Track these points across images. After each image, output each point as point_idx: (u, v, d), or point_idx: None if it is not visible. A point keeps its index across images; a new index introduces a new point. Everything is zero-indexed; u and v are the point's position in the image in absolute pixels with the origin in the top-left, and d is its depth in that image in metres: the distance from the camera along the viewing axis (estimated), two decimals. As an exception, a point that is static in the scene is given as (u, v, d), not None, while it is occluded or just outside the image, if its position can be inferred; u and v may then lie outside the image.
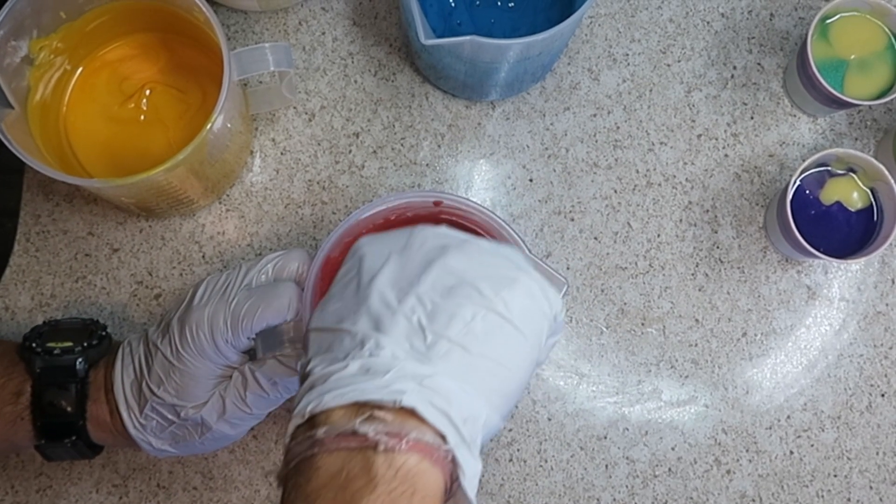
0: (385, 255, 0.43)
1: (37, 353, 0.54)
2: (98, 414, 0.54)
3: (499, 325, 0.41)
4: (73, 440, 0.54)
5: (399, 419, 0.37)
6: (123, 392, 0.54)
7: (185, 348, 0.52)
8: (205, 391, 0.53)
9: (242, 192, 0.69)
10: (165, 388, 0.52)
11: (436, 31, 0.66)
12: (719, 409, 0.68)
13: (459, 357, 0.40)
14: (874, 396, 0.69)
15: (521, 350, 0.42)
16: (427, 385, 0.38)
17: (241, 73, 0.59)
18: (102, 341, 0.57)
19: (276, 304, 0.51)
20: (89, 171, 0.64)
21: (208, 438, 0.55)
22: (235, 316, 0.51)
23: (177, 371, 0.52)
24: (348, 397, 0.38)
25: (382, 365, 0.39)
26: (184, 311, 0.53)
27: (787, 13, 0.73)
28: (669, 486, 0.67)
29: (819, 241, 0.65)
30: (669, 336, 0.69)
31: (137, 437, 0.54)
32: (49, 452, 0.55)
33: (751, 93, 0.72)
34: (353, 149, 0.70)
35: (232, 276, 0.54)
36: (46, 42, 0.60)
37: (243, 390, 0.53)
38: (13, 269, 0.68)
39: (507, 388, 0.42)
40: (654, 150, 0.71)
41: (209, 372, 0.53)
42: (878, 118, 0.72)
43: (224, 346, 0.52)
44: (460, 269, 0.42)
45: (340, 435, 0.37)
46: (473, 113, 0.71)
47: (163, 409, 0.53)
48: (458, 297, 0.41)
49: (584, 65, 0.72)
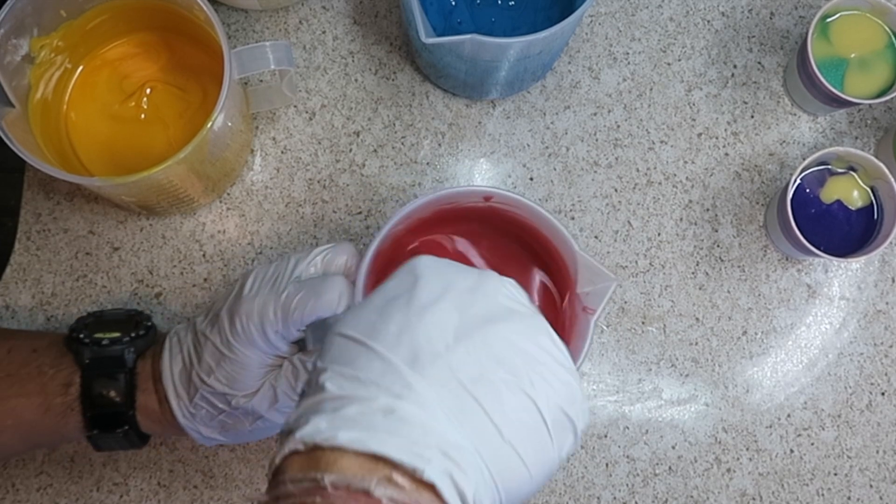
0: (444, 288, 0.39)
1: (85, 344, 0.55)
2: (147, 403, 0.55)
3: (536, 421, 0.38)
4: (126, 430, 0.54)
5: (416, 491, 0.33)
6: (172, 381, 0.54)
7: (236, 338, 0.52)
8: (255, 380, 0.53)
9: (243, 191, 0.69)
10: (216, 377, 0.52)
11: (436, 30, 0.66)
12: (720, 408, 0.68)
13: (489, 437, 0.36)
14: (874, 395, 0.69)
15: (546, 456, 0.38)
16: (453, 457, 0.34)
17: (241, 72, 0.59)
18: (149, 331, 0.57)
19: (326, 297, 0.51)
20: (90, 170, 0.64)
21: (258, 426, 0.55)
22: (286, 308, 0.51)
23: (227, 360, 0.52)
24: (367, 445, 0.33)
25: (409, 414, 0.35)
26: (233, 301, 0.53)
27: (788, 12, 0.73)
28: (670, 484, 0.67)
29: (819, 239, 0.65)
30: (670, 335, 0.69)
31: (186, 426, 0.55)
32: (101, 443, 0.55)
33: (751, 91, 0.72)
34: (354, 147, 0.70)
35: (281, 267, 0.53)
36: (47, 40, 0.60)
37: (294, 380, 0.53)
38: (14, 267, 0.68)
39: (518, 490, 0.38)
40: (654, 148, 0.71)
41: (259, 361, 0.52)
42: (878, 117, 0.72)
43: (274, 336, 0.52)
44: (518, 346, 0.38)
45: (352, 491, 0.33)
46: (474, 112, 0.71)
47: (213, 397, 0.53)
48: (508, 372, 0.37)
49: (584, 63, 0.72)
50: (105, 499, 0.65)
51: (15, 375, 0.54)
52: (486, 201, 0.55)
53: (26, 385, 0.54)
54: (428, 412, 0.35)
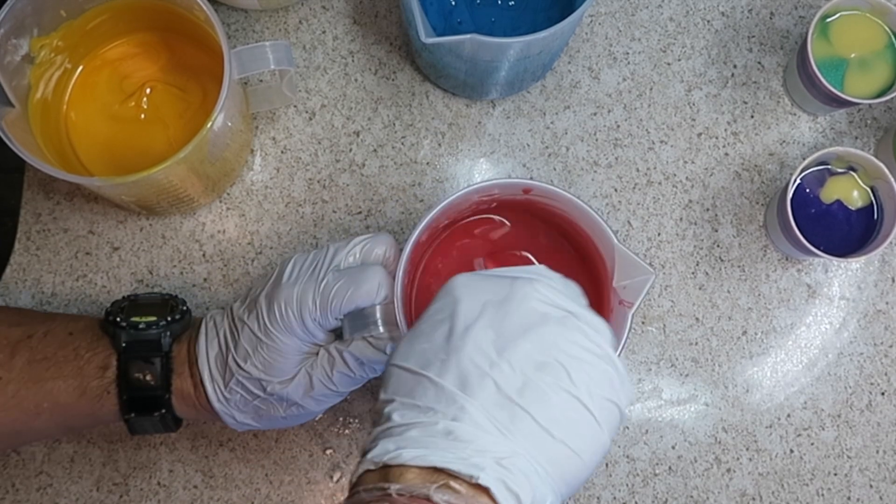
0: (481, 305, 0.42)
1: (122, 328, 0.55)
2: (182, 387, 0.55)
3: (582, 415, 0.41)
4: (162, 413, 0.55)
5: (472, 494, 0.37)
6: (208, 365, 0.54)
7: (273, 324, 0.52)
8: (291, 366, 0.53)
9: (243, 191, 0.69)
10: (252, 363, 0.53)
11: (436, 30, 0.66)
12: (719, 408, 0.68)
13: (541, 440, 0.40)
14: (874, 395, 0.69)
15: (597, 442, 0.42)
16: (505, 465, 0.38)
17: (241, 72, 0.59)
18: (184, 316, 0.58)
19: (365, 287, 0.52)
20: (90, 170, 0.64)
21: (292, 413, 0.55)
22: (325, 296, 0.52)
23: (264, 346, 0.52)
24: (428, 460, 0.38)
25: (465, 433, 0.39)
26: (271, 288, 0.53)
27: (788, 12, 0.73)
28: (670, 484, 0.67)
29: (819, 239, 0.65)
30: (670, 334, 0.69)
31: (221, 411, 0.55)
32: (136, 426, 0.56)
33: (751, 91, 0.72)
34: (354, 147, 0.70)
35: (319, 255, 0.54)
36: (47, 40, 0.60)
37: (330, 369, 0.53)
38: (14, 267, 0.68)
39: (575, 478, 0.41)
40: (654, 148, 0.71)
41: (296, 348, 0.53)
42: (878, 117, 0.72)
43: (311, 324, 0.52)
44: (555, 346, 0.41)
45: (413, 497, 0.37)
46: (474, 111, 0.71)
47: (249, 383, 0.53)
48: (549, 375, 0.40)
49: (584, 63, 0.72)
50: (105, 499, 0.65)
51: (51, 358, 0.54)
52: (525, 194, 0.56)
53: (63, 368, 0.54)
54: (481, 429, 0.39)
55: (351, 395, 0.67)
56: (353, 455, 0.66)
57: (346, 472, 0.66)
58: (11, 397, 0.53)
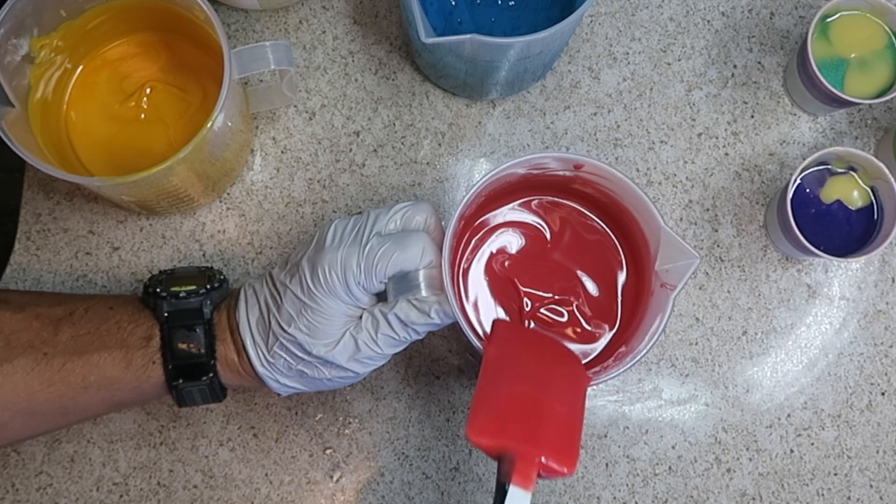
0: None
1: (163, 298, 0.56)
2: (226, 354, 0.56)
3: None
4: (211, 377, 0.55)
5: None
6: (250, 331, 0.55)
7: (317, 287, 0.53)
8: (336, 329, 0.54)
9: (243, 191, 0.69)
10: (297, 326, 0.53)
11: (436, 30, 0.66)
12: (719, 408, 0.68)
13: None
14: (874, 395, 0.69)
15: None
16: None
17: (241, 72, 0.59)
18: (223, 284, 0.59)
19: (411, 251, 0.52)
20: (90, 170, 0.64)
21: (337, 376, 0.56)
22: (370, 260, 0.52)
23: (308, 309, 0.53)
24: None
25: None
26: (314, 252, 0.54)
27: (788, 12, 0.73)
28: (670, 484, 0.67)
29: (819, 239, 0.65)
30: (670, 334, 0.69)
31: (265, 375, 0.55)
32: (185, 395, 0.56)
33: (751, 91, 0.72)
34: (354, 147, 0.70)
35: (360, 221, 0.55)
36: (47, 40, 0.60)
37: (375, 331, 0.54)
38: (14, 267, 0.68)
39: None
40: (654, 148, 0.71)
41: (340, 311, 0.53)
42: (878, 117, 0.72)
43: (355, 287, 0.53)
44: None
45: None
46: (474, 112, 0.71)
47: (293, 346, 0.54)
48: None
49: (584, 63, 0.72)
50: (105, 499, 0.65)
51: (95, 332, 0.55)
52: (576, 170, 0.56)
53: (107, 340, 0.55)
54: None
55: (351, 396, 0.67)
56: (353, 455, 0.66)
57: (346, 472, 0.66)
58: (58, 371, 0.53)
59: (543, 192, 0.61)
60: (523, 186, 0.59)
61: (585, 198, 0.60)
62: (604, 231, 0.61)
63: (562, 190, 0.60)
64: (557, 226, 0.61)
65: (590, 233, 0.61)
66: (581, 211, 0.61)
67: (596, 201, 0.59)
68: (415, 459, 0.67)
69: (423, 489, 0.66)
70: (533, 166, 0.55)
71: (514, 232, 0.61)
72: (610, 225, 0.61)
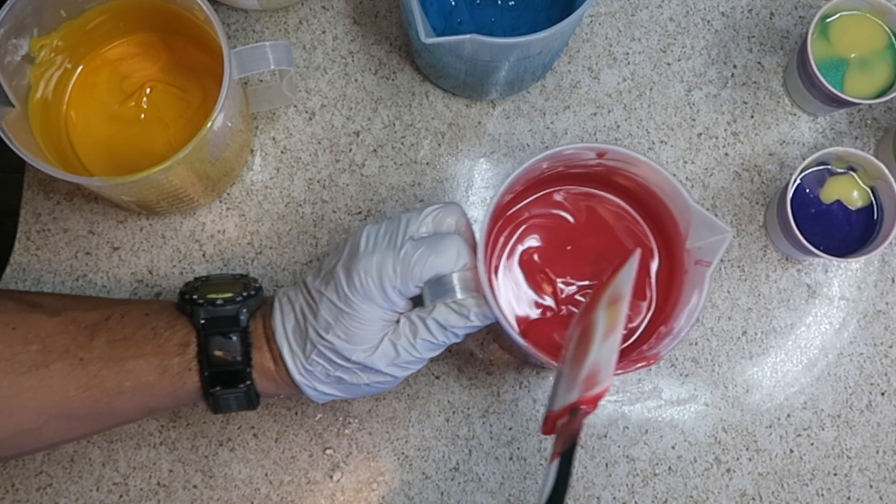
0: None
1: (199, 305, 0.56)
2: (262, 362, 0.56)
3: None
4: (248, 385, 0.55)
5: None
6: (286, 339, 0.55)
7: (354, 293, 0.52)
8: (373, 335, 0.54)
9: (243, 191, 0.69)
10: (335, 333, 0.53)
11: (436, 30, 0.66)
12: (719, 408, 0.68)
13: None
14: (874, 395, 0.69)
15: None
16: None
17: (241, 72, 0.59)
18: (258, 292, 0.59)
19: (446, 254, 0.52)
20: (90, 170, 0.64)
21: (376, 381, 0.55)
22: (406, 264, 0.52)
23: (346, 315, 0.53)
24: None
25: None
26: (348, 258, 0.54)
27: (788, 12, 0.73)
28: (669, 484, 0.67)
29: (819, 239, 0.65)
30: (669, 335, 0.69)
31: (302, 383, 0.55)
32: (222, 402, 0.56)
33: (751, 91, 0.72)
34: (354, 147, 0.70)
35: (392, 226, 0.54)
36: (47, 40, 0.60)
37: (413, 336, 0.54)
38: (13, 267, 0.68)
39: None
40: (654, 148, 0.71)
41: (377, 316, 0.53)
42: (878, 117, 0.72)
43: (392, 292, 0.53)
44: None
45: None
46: (474, 112, 0.71)
47: (331, 353, 0.54)
48: None
49: (584, 63, 0.72)
50: (105, 499, 0.65)
51: (131, 338, 0.55)
52: (600, 157, 0.56)
53: (143, 347, 0.54)
54: None
55: (351, 395, 0.67)
56: (353, 455, 0.66)
57: (346, 472, 0.66)
58: (94, 376, 0.53)
59: (567, 184, 0.61)
60: (546, 179, 0.60)
61: (610, 184, 0.60)
62: (631, 215, 0.61)
63: (585, 179, 0.60)
64: (584, 214, 0.61)
65: (616, 219, 0.61)
66: (606, 197, 0.61)
67: (621, 187, 0.60)
68: (414, 459, 0.67)
69: (422, 489, 0.66)
70: (556, 160, 0.56)
71: (542, 224, 0.61)
72: (636, 209, 0.61)
